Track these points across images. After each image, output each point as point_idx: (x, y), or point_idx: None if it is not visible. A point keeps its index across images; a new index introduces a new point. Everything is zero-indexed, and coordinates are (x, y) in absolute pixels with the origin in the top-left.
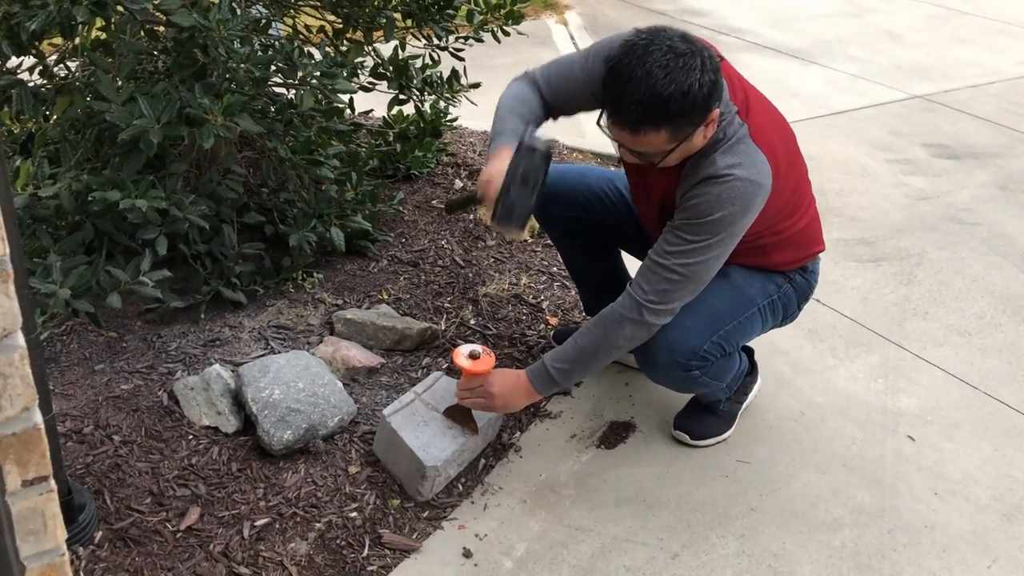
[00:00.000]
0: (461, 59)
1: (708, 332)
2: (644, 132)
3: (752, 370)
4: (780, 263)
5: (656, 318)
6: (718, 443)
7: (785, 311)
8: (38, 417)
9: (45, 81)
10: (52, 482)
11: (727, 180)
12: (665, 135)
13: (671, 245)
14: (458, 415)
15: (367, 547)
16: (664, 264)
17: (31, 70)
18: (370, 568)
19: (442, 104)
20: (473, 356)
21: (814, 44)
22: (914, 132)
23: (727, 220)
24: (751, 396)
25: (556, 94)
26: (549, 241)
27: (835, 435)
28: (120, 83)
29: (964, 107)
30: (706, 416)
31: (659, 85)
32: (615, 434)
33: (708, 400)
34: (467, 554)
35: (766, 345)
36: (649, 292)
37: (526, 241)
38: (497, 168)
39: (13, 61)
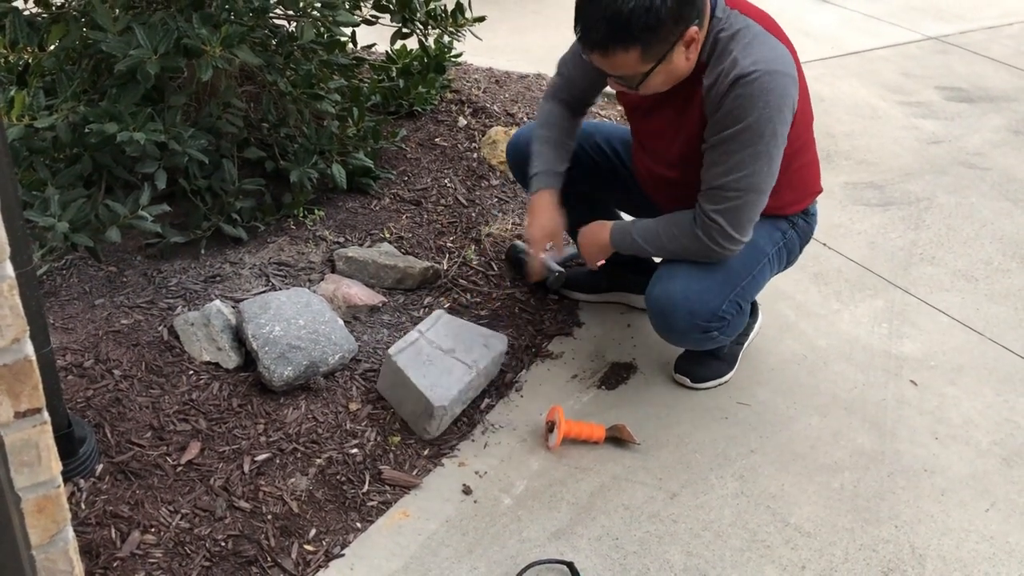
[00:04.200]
0: None
1: (727, 291)
2: (613, 52)
3: (753, 311)
4: (785, 204)
5: (727, 242)
6: (719, 385)
7: (788, 257)
8: (29, 348)
9: (40, 10)
10: (45, 414)
11: (755, 77)
12: (636, 54)
13: (718, 164)
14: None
15: (367, 483)
16: (718, 184)
17: None
18: (370, 504)
19: (446, 39)
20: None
21: None
22: (928, 74)
23: (765, 118)
24: (752, 336)
25: (575, 85)
26: None
27: (837, 379)
28: (116, 12)
29: (980, 49)
30: (707, 359)
31: (620, 2)
32: (616, 375)
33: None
34: (467, 491)
35: (771, 288)
36: (714, 213)
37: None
38: (539, 224)
39: None
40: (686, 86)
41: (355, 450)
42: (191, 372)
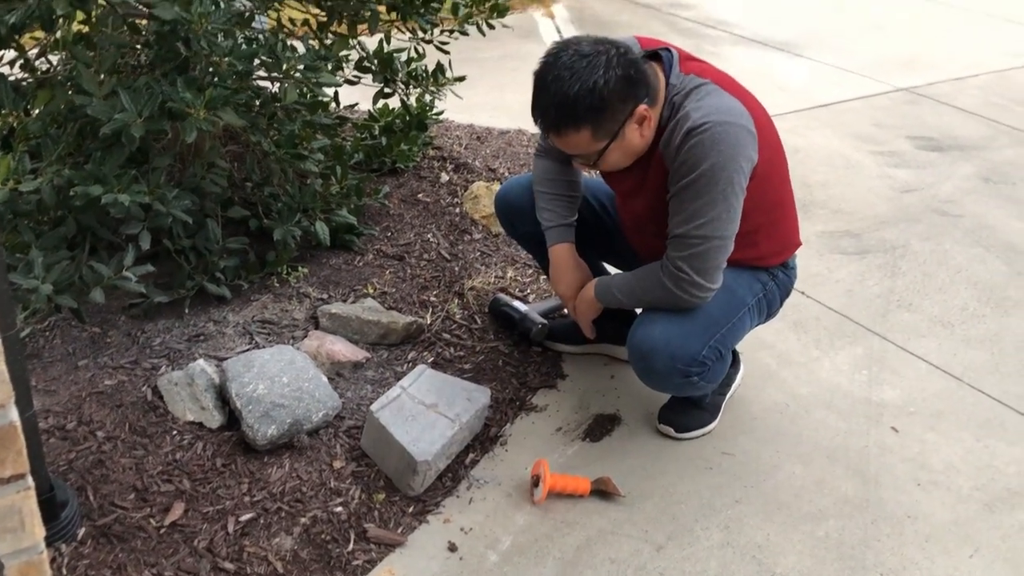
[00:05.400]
0: (446, 52)
1: (706, 337)
2: (566, 133)
3: (735, 361)
4: (766, 255)
5: (695, 290)
6: (703, 435)
7: (769, 309)
8: (14, 414)
9: (26, 75)
10: (29, 480)
11: (707, 129)
12: (587, 134)
13: (678, 213)
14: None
15: (352, 542)
16: (680, 233)
17: (12, 64)
18: (355, 563)
19: (427, 97)
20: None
21: (799, 36)
22: (899, 124)
23: (719, 167)
24: (734, 386)
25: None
26: None
27: (819, 426)
28: (102, 77)
29: (948, 99)
30: (691, 408)
31: (566, 86)
32: (601, 427)
33: (694, 397)
34: (452, 548)
35: (751, 338)
36: (679, 261)
37: None
38: (567, 282)
39: None
40: (645, 153)
41: (340, 508)
42: (175, 432)
